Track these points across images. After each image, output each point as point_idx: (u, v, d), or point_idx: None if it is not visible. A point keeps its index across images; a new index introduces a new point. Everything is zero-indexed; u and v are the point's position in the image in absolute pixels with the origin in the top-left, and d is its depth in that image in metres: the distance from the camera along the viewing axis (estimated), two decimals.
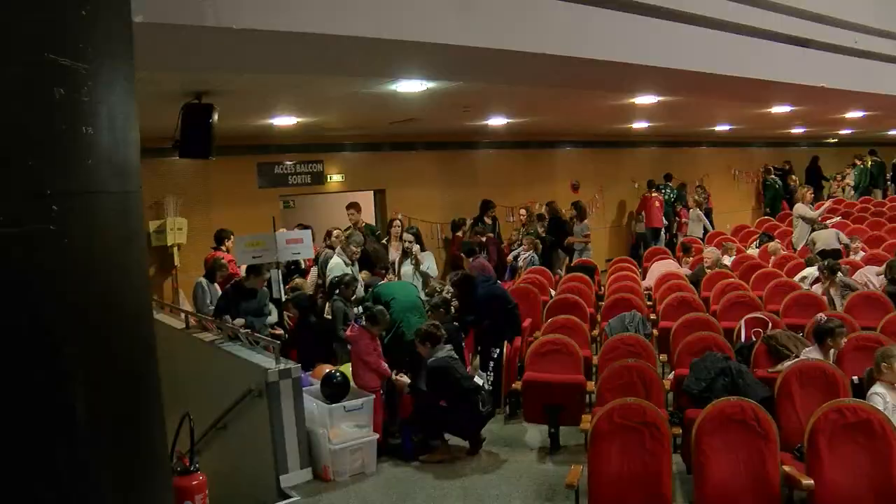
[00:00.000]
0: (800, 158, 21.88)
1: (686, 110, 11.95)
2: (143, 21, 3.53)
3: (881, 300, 8.04)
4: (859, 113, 14.25)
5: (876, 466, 4.55)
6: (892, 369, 5.11)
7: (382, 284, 8.17)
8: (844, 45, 9.90)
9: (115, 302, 2.03)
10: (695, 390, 5.80)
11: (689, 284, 9.47)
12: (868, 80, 10.70)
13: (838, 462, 4.60)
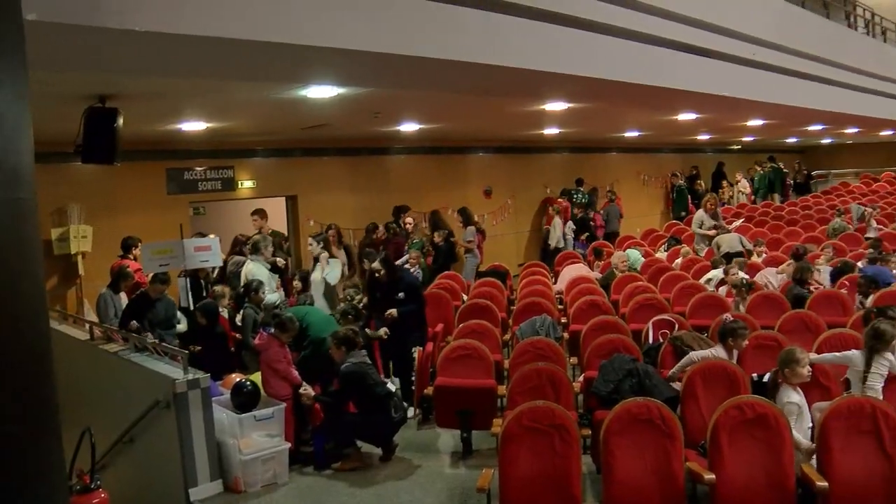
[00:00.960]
0: (706, 164, 22.59)
1: (596, 117, 12.20)
2: (37, 19, 3.41)
3: (779, 301, 8.36)
4: (759, 121, 14.80)
5: (771, 458, 4.76)
6: (796, 373, 5.32)
7: (294, 308, 8.08)
8: (743, 57, 10.26)
9: (4, 312, 1.96)
10: (603, 392, 5.92)
11: (599, 288, 9.66)
12: (766, 91, 11.12)
13: (738, 456, 4.78)
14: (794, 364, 5.28)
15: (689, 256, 11.70)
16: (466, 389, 6.66)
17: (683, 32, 8.87)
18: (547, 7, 6.64)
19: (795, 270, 9.00)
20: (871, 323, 5.81)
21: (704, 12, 9.27)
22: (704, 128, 16.83)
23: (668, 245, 13.06)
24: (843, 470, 4.69)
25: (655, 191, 21.65)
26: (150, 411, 6.07)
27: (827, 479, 4.63)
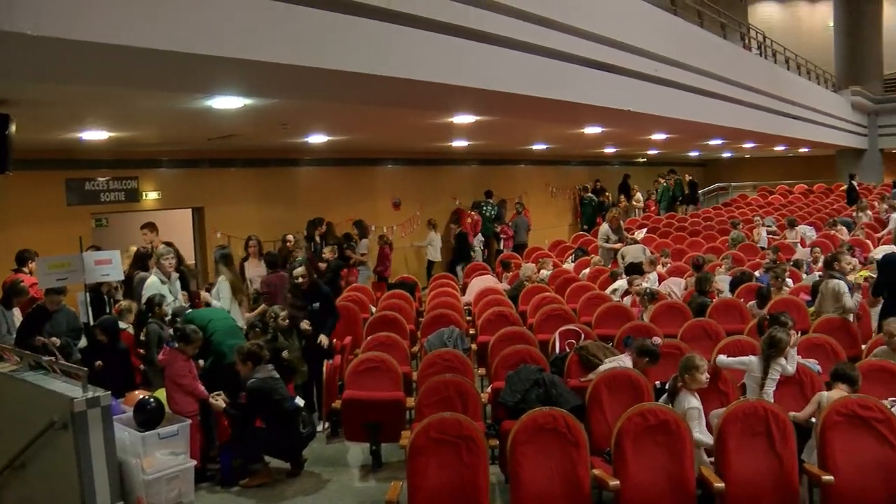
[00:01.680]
0: (612, 176, 23.14)
1: (504, 130, 12.36)
2: None
3: (682, 309, 8.61)
4: (663, 135, 15.25)
5: (673, 462, 4.91)
6: (695, 379, 5.50)
7: (195, 311, 7.85)
8: (647, 73, 10.57)
9: None
10: (510, 402, 5.98)
11: (507, 299, 9.76)
12: (668, 106, 11.47)
13: (641, 461, 4.91)
14: (694, 370, 5.45)
15: (597, 267, 11.93)
16: (375, 402, 6.64)
17: (589, 48, 9.10)
18: (453, 21, 6.71)
19: (697, 280, 9.29)
20: (768, 331, 6.05)
21: (610, 29, 9.53)
22: (610, 141, 17.25)
23: (576, 256, 13.30)
24: (739, 470, 4.88)
25: (563, 203, 22.05)
26: (44, 433, 5.82)
27: (724, 479, 4.81)
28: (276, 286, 9.18)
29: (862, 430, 4.93)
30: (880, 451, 4.87)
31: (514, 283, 10.97)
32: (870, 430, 4.92)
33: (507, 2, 7.38)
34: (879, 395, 5.57)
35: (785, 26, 31.31)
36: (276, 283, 9.25)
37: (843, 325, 7.56)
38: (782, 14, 32.72)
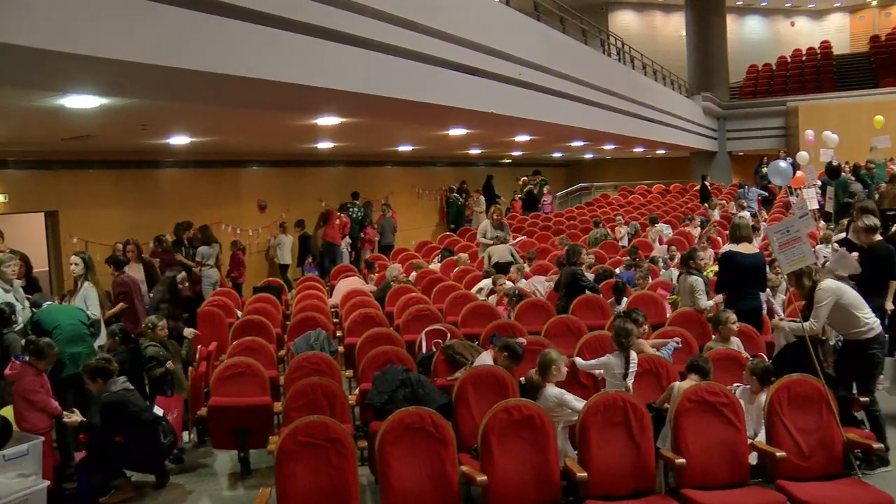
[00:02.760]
0: (478, 177, 23.50)
1: (369, 131, 12.36)
2: None
3: (545, 307, 8.85)
4: (526, 137, 15.61)
5: (537, 455, 5.05)
6: (560, 371, 5.68)
7: (44, 310, 7.40)
8: (510, 76, 10.79)
9: None
10: (377, 403, 5.99)
11: (373, 300, 9.76)
12: (531, 109, 11.76)
13: (507, 456, 5.01)
14: (553, 364, 5.63)
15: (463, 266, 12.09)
16: (241, 408, 6.51)
17: (454, 52, 9.22)
18: (316, 22, 6.67)
19: (568, 254, 9.50)
20: (615, 325, 6.33)
21: (474, 33, 9.69)
22: (475, 142, 17.53)
23: (442, 256, 13.42)
24: (601, 459, 5.05)
25: (430, 203, 22.23)
26: None
27: (587, 469, 4.96)
28: (129, 286, 8.90)
29: (710, 415, 5.22)
30: (725, 432, 5.19)
31: (381, 284, 10.98)
32: (717, 414, 5.22)
33: (371, 3, 7.40)
34: (725, 381, 5.94)
35: (642, 34, 32.70)
36: (129, 283, 8.98)
37: (697, 317, 7.92)
38: (639, 22, 34.14)
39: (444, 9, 9.08)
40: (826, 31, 36.42)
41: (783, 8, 36.64)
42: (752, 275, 7.76)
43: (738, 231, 7.98)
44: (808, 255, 6.12)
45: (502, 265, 11.08)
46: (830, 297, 6.22)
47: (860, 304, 6.37)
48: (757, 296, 7.88)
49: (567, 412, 5.49)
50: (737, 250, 7.81)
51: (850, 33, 37.01)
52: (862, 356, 6.30)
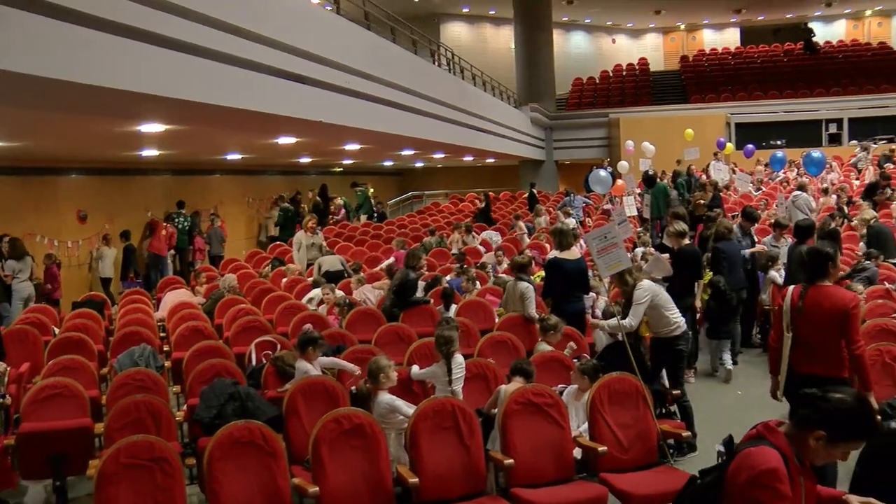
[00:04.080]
0: (310, 185, 23.26)
1: (195, 139, 12.01)
2: None
3: (376, 315, 8.88)
4: (356, 145, 15.62)
5: (370, 464, 5.05)
6: (390, 377, 5.72)
7: None
8: (339, 85, 10.78)
9: None
10: (205, 418, 5.83)
11: (202, 313, 9.47)
12: (360, 117, 11.78)
13: (339, 466, 4.98)
14: (383, 372, 5.69)
15: (293, 277, 11.93)
16: (57, 432, 6.09)
17: (282, 59, 9.11)
18: (139, 25, 6.42)
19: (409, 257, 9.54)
20: (436, 332, 6.44)
21: (303, 41, 9.61)
22: (305, 151, 17.38)
23: (272, 266, 13.19)
24: (432, 464, 5.12)
25: (261, 213, 21.81)
26: None
27: (419, 475, 5.02)
28: None
29: (536, 416, 5.40)
30: (551, 432, 5.40)
31: (211, 295, 10.66)
32: (543, 415, 5.42)
33: (196, 7, 7.20)
34: (550, 382, 6.18)
35: (473, 46, 33.49)
36: None
37: (523, 322, 8.16)
38: (471, 34, 34.95)
39: (272, 15, 8.97)
40: (643, 49, 38.65)
41: (605, 26, 38.58)
42: (576, 280, 8.13)
43: (562, 238, 8.30)
44: (624, 260, 6.49)
45: (333, 274, 11.04)
46: (648, 295, 6.69)
47: (670, 304, 6.89)
48: (581, 299, 8.28)
49: (399, 419, 5.54)
50: (562, 257, 8.13)
51: (664, 52, 39.46)
52: (670, 352, 6.82)
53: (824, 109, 27.05)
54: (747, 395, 7.99)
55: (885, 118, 26.22)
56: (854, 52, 34.38)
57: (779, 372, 5.34)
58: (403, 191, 29.61)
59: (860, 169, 20.78)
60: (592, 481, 5.37)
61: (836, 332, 5.09)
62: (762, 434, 3.04)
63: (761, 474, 2.89)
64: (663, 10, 35.49)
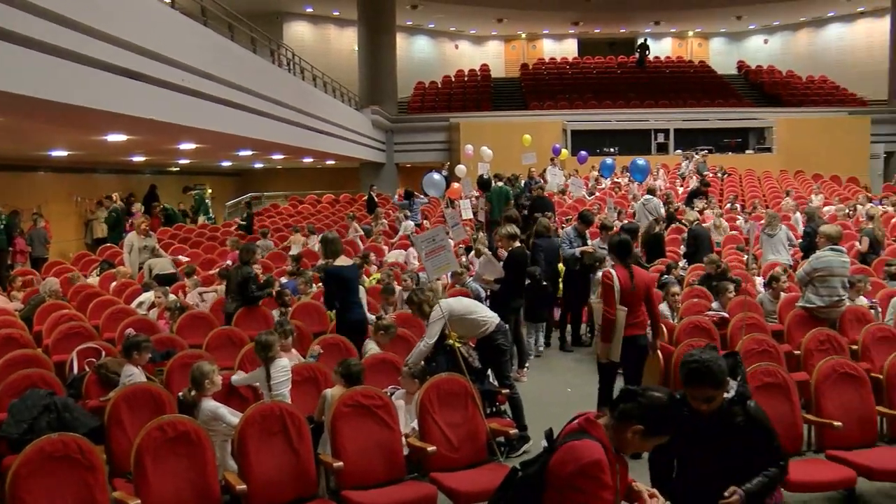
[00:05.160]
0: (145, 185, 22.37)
1: (14, 133, 11.33)
2: None
3: (208, 319, 8.68)
4: (192, 145, 15.17)
5: (196, 472, 4.93)
6: (214, 382, 5.59)
7: None
8: (174, 83, 10.42)
9: None
10: (14, 434, 5.47)
11: (18, 320, 8.89)
12: (195, 117, 11.45)
13: (163, 475, 4.83)
14: (207, 378, 5.58)
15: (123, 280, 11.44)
16: None
17: (109, 52, 8.69)
18: None
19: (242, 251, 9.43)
20: (256, 338, 6.35)
21: (133, 34, 9.21)
22: (138, 149, 16.71)
23: (101, 269, 12.60)
24: (261, 470, 5.05)
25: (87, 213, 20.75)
26: None
27: (247, 481, 4.94)
28: None
29: (366, 417, 5.44)
30: (381, 433, 5.44)
31: (29, 301, 10.04)
32: (372, 416, 5.45)
33: None
34: (381, 384, 6.24)
35: (316, 46, 33.17)
36: None
37: None
38: (314, 34, 34.58)
39: (103, 7, 8.55)
40: (485, 56, 39.45)
41: (448, 31, 39.12)
42: (354, 285, 8.01)
43: (333, 246, 8.05)
44: (451, 263, 6.63)
45: (165, 277, 10.68)
46: (440, 316, 6.73)
47: (474, 308, 7.09)
48: (361, 305, 8.12)
49: (224, 426, 5.43)
50: (338, 264, 7.93)
51: (505, 59, 40.44)
52: (490, 348, 6.98)
53: (653, 120, 28.54)
54: (580, 391, 8.29)
55: (706, 130, 28.04)
56: (679, 69, 36.57)
57: (611, 340, 6.70)
58: (242, 192, 28.94)
59: (684, 177, 22.10)
60: (423, 481, 5.47)
61: (643, 300, 6.83)
62: (584, 427, 3.21)
63: (587, 466, 3.06)
64: (505, 18, 36.41)
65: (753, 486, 3.62)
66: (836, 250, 8.00)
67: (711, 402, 3.63)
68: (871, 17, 35.17)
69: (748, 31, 39.54)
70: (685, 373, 3.66)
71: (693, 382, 3.61)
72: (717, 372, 3.60)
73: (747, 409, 3.71)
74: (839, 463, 5.47)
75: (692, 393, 3.65)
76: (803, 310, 8.11)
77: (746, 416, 3.69)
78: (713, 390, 3.61)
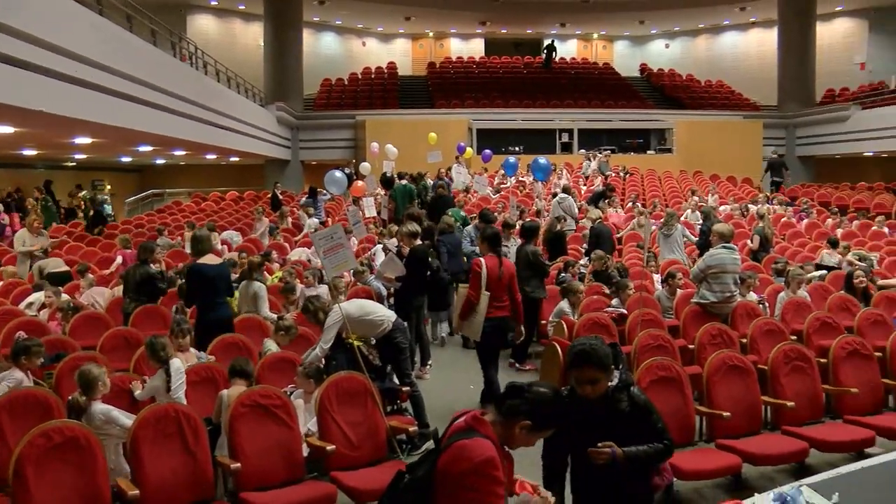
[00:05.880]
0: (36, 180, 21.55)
1: None
2: None
3: (103, 320, 8.40)
4: (87, 139, 14.67)
5: (85, 479, 4.74)
6: (106, 384, 5.42)
7: None
8: (66, 73, 10.06)
9: None
10: None
11: None
12: (89, 109, 11.07)
13: (47, 485, 4.61)
14: (98, 380, 5.40)
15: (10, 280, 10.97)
16: None
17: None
18: None
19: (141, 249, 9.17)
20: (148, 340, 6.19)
21: (23, 22, 8.84)
22: (29, 143, 16.06)
23: None
24: (155, 473, 4.92)
25: None
26: None
27: (140, 486, 4.80)
28: None
29: (265, 418, 5.36)
30: (280, 433, 5.37)
31: None
32: (271, 416, 5.38)
33: None
34: (280, 383, 6.16)
35: (221, 40, 32.41)
36: None
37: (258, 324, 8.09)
38: (219, 28, 33.78)
39: None
40: (392, 54, 39.32)
41: (356, 28, 38.82)
42: (219, 285, 7.81)
43: (200, 244, 7.92)
44: (350, 261, 6.60)
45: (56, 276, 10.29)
46: (338, 318, 6.71)
47: (369, 308, 7.09)
48: (227, 305, 7.96)
49: (117, 429, 5.26)
50: (202, 262, 7.77)
51: (413, 58, 40.37)
52: (389, 346, 7.01)
53: (558, 120, 29.03)
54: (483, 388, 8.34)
55: (609, 130, 28.70)
56: (584, 70, 37.25)
57: (468, 318, 7.51)
58: (143, 188, 28.11)
59: (588, 176, 22.54)
60: (323, 480, 5.42)
61: (507, 287, 7.57)
62: (472, 426, 3.21)
63: (481, 464, 3.07)
64: (413, 17, 36.39)
65: (634, 450, 3.74)
66: (728, 248, 8.28)
67: (596, 385, 3.71)
68: (762, 28, 36.55)
69: (650, 35, 40.54)
70: (572, 355, 3.75)
71: (579, 363, 3.70)
72: (602, 355, 3.71)
73: (631, 394, 3.83)
74: (727, 451, 5.70)
75: (578, 375, 3.74)
76: (698, 305, 8.38)
77: (630, 402, 3.81)
78: (598, 371, 3.70)
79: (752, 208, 16.72)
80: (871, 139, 25.83)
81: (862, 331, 7.94)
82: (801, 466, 6.02)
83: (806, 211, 18.60)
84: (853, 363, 6.75)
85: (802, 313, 8.49)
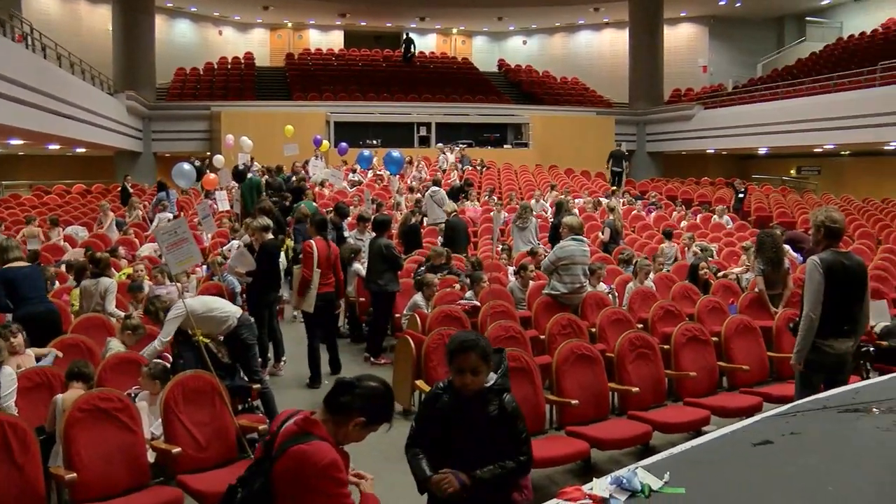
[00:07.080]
0: None
1: None
2: None
3: None
4: None
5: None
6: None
7: None
8: None
9: None
10: None
11: None
12: None
13: None
14: None
15: None
16: None
17: None
18: None
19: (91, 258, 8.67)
20: None
21: None
22: None
23: None
24: None
25: None
26: None
27: None
28: None
29: (105, 422, 5.07)
30: (122, 438, 5.10)
31: None
32: (112, 420, 5.10)
33: None
34: (124, 385, 5.89)
35: (65, 23, 30.61)
36: None
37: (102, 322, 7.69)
38: (62, 10, 31.87)
39: None
40: (250, 44, 38.43)
41: (212, 16, 37.69)
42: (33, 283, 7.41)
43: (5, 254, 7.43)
44: (195, 255, 6.41)
45: None
46: (179, 313, 6.53)
47: (213, 305, 6.93)
48: (45, 300, 7.58)
49: None
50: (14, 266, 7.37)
51: (270, 48, 39.60)
52: (236, 343, 6.86)
53: (416, 113, 29.18)
54: None
55: (467, 125, 29.10)
56: (443, 64, 37.64)
57: (304, 294, 8.54)
58: None
59: (444, 170, 22.75)
60: (170, 485, 5.20)
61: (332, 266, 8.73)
62: (305, 429, 3.12)
63: (326, 468, 3.01)
64: (271, 6, 35.68)
65: (484, 472, 3.63)
66: (577, 240, 8.52)
67: (476, 377, 3.65)
68: (614, 28, 38.02)
69: (509, 31, 41.36)
70: (456, 343, 3.67)
71: (463, 349, 3.62)
72: (485, 346, 3.68)
73: (503, 400, 3.75)
74: (576, 437, 5.87)
75: (460, 363, 3.64)
76: (549, 296, 8.58)
77: (500, 408, 3.73)
78: (480, 361, 3.64)
79: (604, 202, 17.30)
80: (711, 137, 27.65)
81: (701, 317, 8.37)
82: (645, 448, 6.26)
83: (654, 204, 19.45)
84: (692, 348, 7.13)
85: (648, 302, 8.86)
